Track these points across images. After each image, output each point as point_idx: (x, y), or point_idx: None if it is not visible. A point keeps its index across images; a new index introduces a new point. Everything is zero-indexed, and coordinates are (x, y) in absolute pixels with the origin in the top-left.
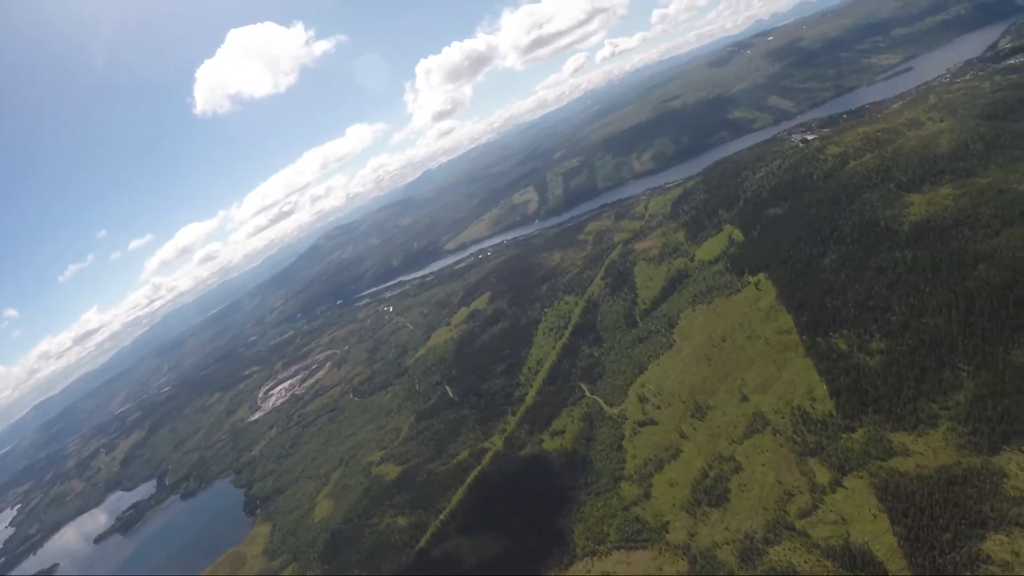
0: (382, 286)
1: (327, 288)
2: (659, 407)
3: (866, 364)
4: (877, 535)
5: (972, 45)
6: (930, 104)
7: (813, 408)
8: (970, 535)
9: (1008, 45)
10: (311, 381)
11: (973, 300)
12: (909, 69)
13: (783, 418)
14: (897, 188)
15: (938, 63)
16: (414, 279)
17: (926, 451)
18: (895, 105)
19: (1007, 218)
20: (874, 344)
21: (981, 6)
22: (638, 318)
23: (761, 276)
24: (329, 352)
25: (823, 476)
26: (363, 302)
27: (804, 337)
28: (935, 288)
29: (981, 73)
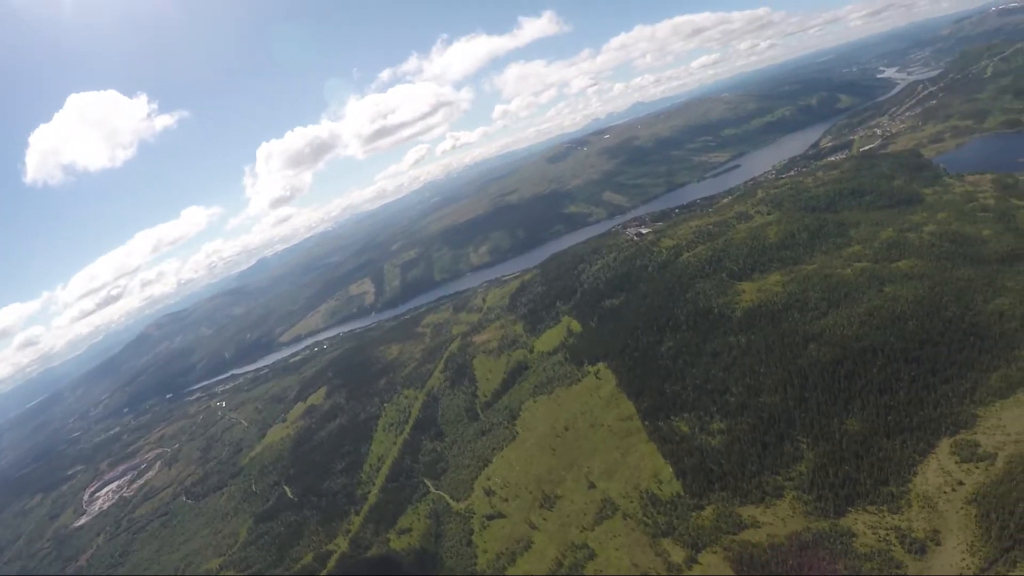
0: (214, 379)
1: (156, 380)
2: (507, 499)
3: (709, 444)
4: None
5: (796, 144)
6: (758, 199)
7: (661, 490)
8: None
9: (829, 144)
10: (140, 482)
11: (806, 377)
12: (737, 166)
13: (632, 502)
14: (729, 277)
15: (764, 160)
16: (247, 372)
17: (775, 521)
18: (725, 200)
19: (833, 300)
20: (715, 424)
21: (804, 109)
22: (479, 411)
23: (600, 365)
24: (159, 450)
25: (678, 555)
26: (194, 396)
27: (646, 422)
28: (769, 368)
29: (804, 169)
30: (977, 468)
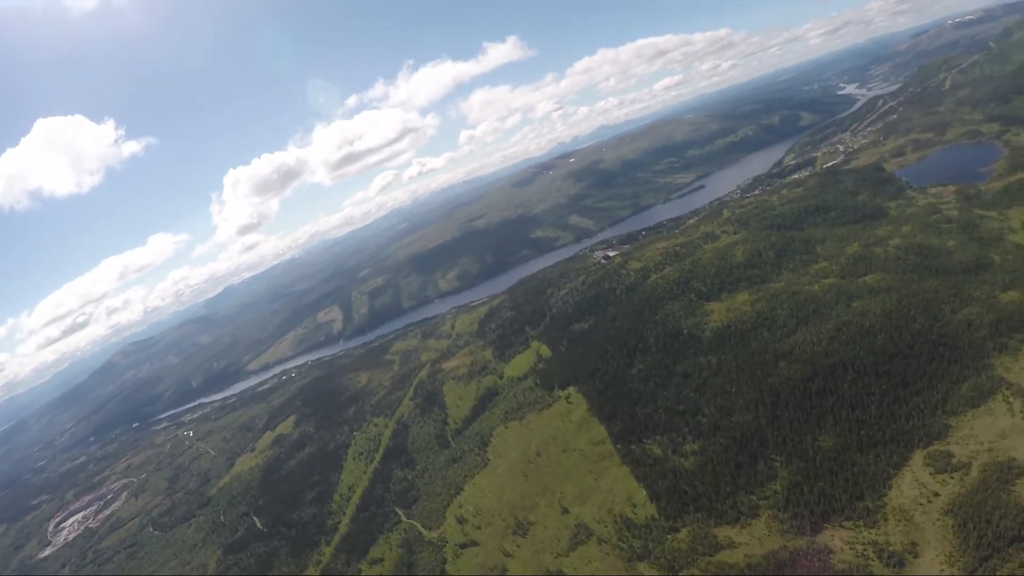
0: (181, 408)
1: (122, 409)
2: (479, 527)
3: (682, 466)
4: None
5: (760, 163)
6: (724, 218)
7: (635, 514)
8: None
9: (792, 162)
10: (107, 512)
11: (778, 395)
12: (702, 187)
13: (606, 527)
14: (697, 297)
15: (729, 180)
16: (215, 401)
17: (751, 541)
18: (691, 220)
19: (801, 317)
20: (687, 446)
21: (766, 128)
22: (450, 438)
23: (571, 390)
24: (125, 480)
25: None
26: (161, 425)
27: (618, 446)
28: (741, 387)
29: (769, 188)
30: (952, 478)
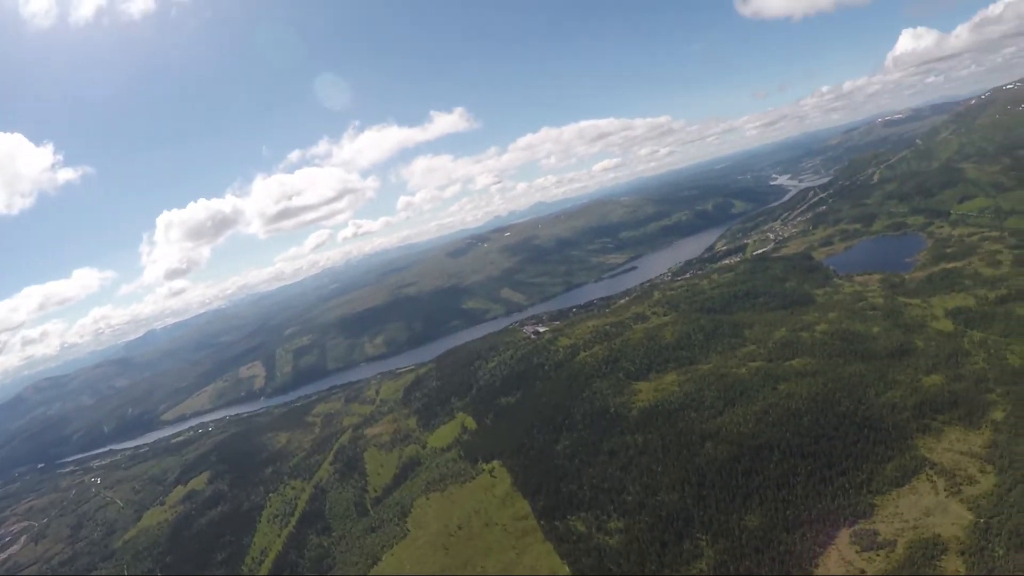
0: (90, 453)
1: (28, 447)
2: None
3: (606, 544)
4: None
5: (692, 247)
6: (654, 300)
7: None
8: None
9: (724, 247)
10: (3, 556)
11: (704, 475)
12: (634, 268)
13: None
14: (625, 376)
15: (661, 263)
16: (126, 449)
17: None
18: (622, 300)
19: (728, 399)
20: (612, 524)
21: (700, 213)
22: (369, 506)
23: (496, 463)
24: (25, 523)
25: None
26: (67, 469)
27: (542, 522)
28: (667, 467)
29: (700, 272)
30: (878, 556)
